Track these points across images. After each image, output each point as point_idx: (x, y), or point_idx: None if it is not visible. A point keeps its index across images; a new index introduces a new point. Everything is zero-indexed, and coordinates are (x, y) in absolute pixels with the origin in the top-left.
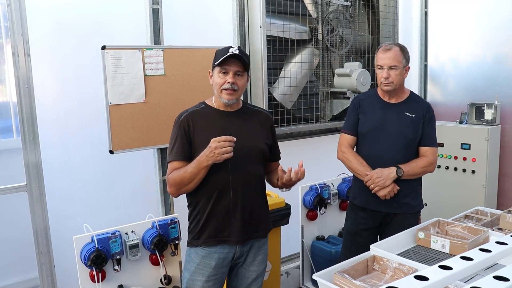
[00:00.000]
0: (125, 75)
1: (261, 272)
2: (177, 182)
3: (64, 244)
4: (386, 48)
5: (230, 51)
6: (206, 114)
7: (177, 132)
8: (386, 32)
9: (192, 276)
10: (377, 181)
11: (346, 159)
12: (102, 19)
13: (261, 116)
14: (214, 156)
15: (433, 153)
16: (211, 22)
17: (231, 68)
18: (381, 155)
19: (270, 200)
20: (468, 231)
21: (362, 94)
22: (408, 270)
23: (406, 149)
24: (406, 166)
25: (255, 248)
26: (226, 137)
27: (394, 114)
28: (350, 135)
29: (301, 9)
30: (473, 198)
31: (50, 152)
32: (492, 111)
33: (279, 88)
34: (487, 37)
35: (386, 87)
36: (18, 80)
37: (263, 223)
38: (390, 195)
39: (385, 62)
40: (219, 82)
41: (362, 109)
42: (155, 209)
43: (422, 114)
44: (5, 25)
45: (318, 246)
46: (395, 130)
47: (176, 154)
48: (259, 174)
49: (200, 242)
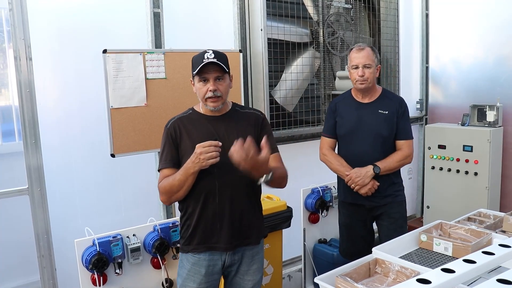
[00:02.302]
0: (126, 79)
1: (258, 282)
2: (167, 190)
3: (65, 247)
4: (359, 48)
5: (206, 57)
6: (193, 120)
7: (165, 140)
8: (387, 34)
9: (184, 282)
10: (356, 181)
11: (327, 161)
12: (103, 22)
13: (250, 117)
14: (200, 162)
15: (408, 145)
16: (212, 25)
17: (210, 75)
18: (360, 154)
19: (271, 203)
20: (471, 234)
21: (337, 98)
22: (410, 273)
23: (383, 146)
24: (383, 163)
25: (248, 257)
26: (210, 142)
27: (369, 113)
28: (329, 137)
29: (302, 12)
30: (476, 200)
31: (52, 155)
32: (494, 112)
33: (280, 91)
34: (488, 38)
35: (361, 85)
36: (20, 84)
37: (255, 229)
38: (371, 191)
39: (359, 61)
40: (202, 91)
41: (338, 112)
42: (156, 212)
43: (395, 109)
44: (7, 29)
45: (320, 249)
46: (370, 129)
47: (165, 162)
48: (248, 178)
49: (191, 249)
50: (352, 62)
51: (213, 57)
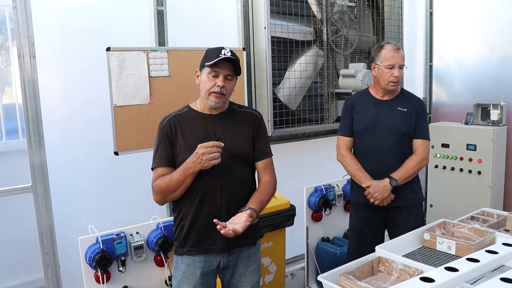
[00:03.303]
0: (130, 77)
1: (255, 283)
2: (163, 189)
3: (69, 245)
4: (396, 47)
5: (223, 53)
6: (189, 118)
7: (159, 138)
8: (391, 32)
9: (179, 284)
10: (375, 196)
11: (345, 163)
12: (107, 20)
13: (247, 116)
14: (202, 163)
15: (424, 147)
16: (215, 23)
17: (222, 71)
18: (377, 150)
19: (275, 201)
20: (474, 233)
21: (353, 95)
22: (413, 271)
23: (401, 143)
24: (399, 173)
25: (244, 258)
26: (213, 143)
27: (387, 109)
28: (347, 136)
29: (305, 10)
30: (479, 199)
31: (55, 153)
32: (498, 111)
33: (284, 89)
34: (492, 37)
35: (393, 86)
36: (23, 81)
37: (251, 229)
38: (387, 201)
39: (397, 61)
40: (208, 84)
41: (356, 109)
42: (159, 210)
43: (414, 108)
44: (11, 27)
45: (323, 248)
46: (389, 125)
47: (160, 160)
48: (244, 179)
49: (185, 251)
50: (388, 61)
51: (230, 55)
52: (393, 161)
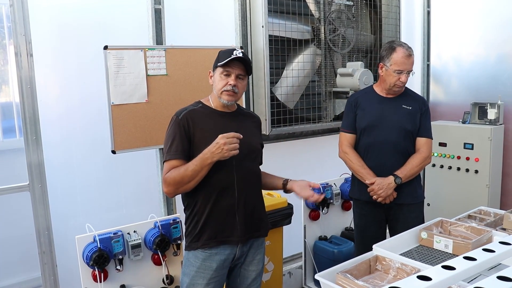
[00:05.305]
0: (127, 75)
1: (260, 271)
2: (177, 180)
3: (66, 243)
4: (408, 53)
5: (235, 53)
6: (205, 114)
7: (175, 131)
8: (389, 31)
9: (192, 280)
10: (379, 193)
11: (348, 160)
12: (104, 19)
13: (254, 118)
14: (222, 153)
15: (427, 146)
16: (213, 22)
17: (234, 70)
18: (381, 145)
19: (272, 200)
20: (471, 231)
21: (357, 93)
22: (411, 270)
23: (405, 140)
24: (403, 171)
25: (254, 248)
26: (234, 134)
27: (392, 107)
28: (349, 133)
29: (303, 9)
30: (476, 198)
31: (53, 152)
32: (495, 110)
33: (281, 88)
34: (490, 36)
35: (398, 90)
36: (20, 80)
37: (264, 222)
38: (389, 199)
39: (407, 67)
40: (221, 83)
41: (359, 106)
42: (157, 209)
43: (419, 106)
44: (8, 25)
45: (321, 246)
46: (394, 121)
47: (175, 153)
48: (257, 173)
49: (200, 245)
50: (398, 66)
51: (241, 55)
52: (397, 156)
